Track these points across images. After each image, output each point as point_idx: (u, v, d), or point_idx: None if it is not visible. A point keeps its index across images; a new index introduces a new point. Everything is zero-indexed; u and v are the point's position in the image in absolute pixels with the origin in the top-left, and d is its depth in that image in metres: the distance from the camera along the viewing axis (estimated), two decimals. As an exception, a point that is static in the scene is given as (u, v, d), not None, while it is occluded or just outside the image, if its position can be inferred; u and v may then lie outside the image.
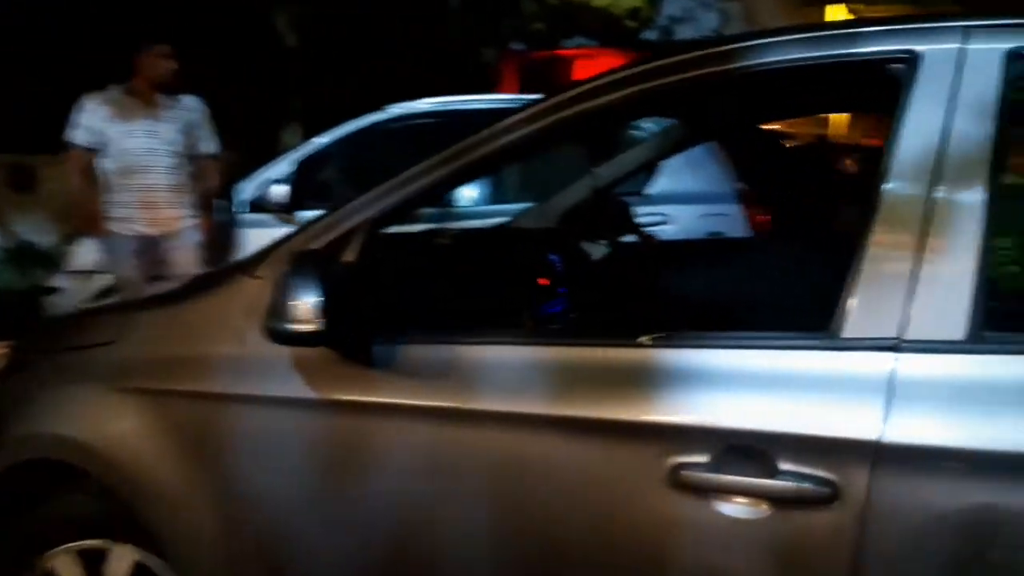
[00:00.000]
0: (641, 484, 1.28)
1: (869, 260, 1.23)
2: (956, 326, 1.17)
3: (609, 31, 13.68)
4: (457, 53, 11.49)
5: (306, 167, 4.33)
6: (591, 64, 15.32)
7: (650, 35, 13.99)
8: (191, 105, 4.10)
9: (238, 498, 1.61)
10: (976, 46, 1.26)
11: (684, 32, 14.02)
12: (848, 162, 9.40)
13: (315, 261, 1.43)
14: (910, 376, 1.17)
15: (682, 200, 3.98)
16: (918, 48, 1.29)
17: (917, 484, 1.14)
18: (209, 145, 4.18)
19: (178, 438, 1.64)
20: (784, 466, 1.20)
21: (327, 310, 1.38)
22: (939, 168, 1.23)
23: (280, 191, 4.15)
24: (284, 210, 4.17)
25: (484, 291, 1.92)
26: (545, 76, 13.96)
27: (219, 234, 4.25)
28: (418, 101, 4.52)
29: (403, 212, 1.60)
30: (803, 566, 1.21)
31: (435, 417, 1.45)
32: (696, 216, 3.94)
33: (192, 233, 4.08)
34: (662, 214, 3.77)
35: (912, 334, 1.18)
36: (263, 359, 1.56)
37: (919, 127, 1.25)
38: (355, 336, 1.48)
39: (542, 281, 2.17)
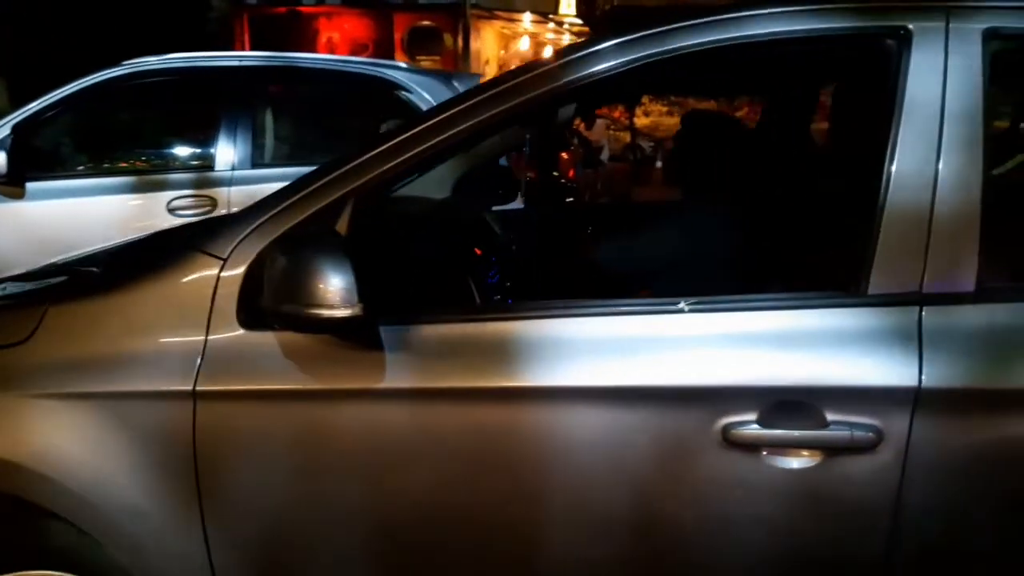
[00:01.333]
0: (694, 445, 1.33)
1: (887, 222, 1.34)
2: (967, 280, 1.31)
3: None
4: (185, 4, 10.61)
5: (27, 131, 3.79)
6: (331, 23, 14.87)
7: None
8: None
9: (243, 510, 1.44)
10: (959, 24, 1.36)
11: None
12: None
13: (337, 240, 1.33)
14: (934, 326, 1.31)
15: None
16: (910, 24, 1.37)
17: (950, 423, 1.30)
18: None
19: (144, 447, 1.42)
20: (832, 416, 1.30)
21: (362, 293, 1.29)
22: (941, 134, 1.34)
23: (-3, 159, 3.60)
24: (5, 181, 3.64)
25: (445, 263, 1.85)
26: (282, 33, 13.33)
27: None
28: (159, 57, 4.09)
29: (393, 182, 1.48)
30: (850, 507, 1.32)
31: (473, 398, 1.39)
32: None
33: None
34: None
35: (930, 288, 1.32)
36: (245, 348, 1.42)
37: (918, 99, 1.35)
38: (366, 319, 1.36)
39: (477, 251, 2.12)
